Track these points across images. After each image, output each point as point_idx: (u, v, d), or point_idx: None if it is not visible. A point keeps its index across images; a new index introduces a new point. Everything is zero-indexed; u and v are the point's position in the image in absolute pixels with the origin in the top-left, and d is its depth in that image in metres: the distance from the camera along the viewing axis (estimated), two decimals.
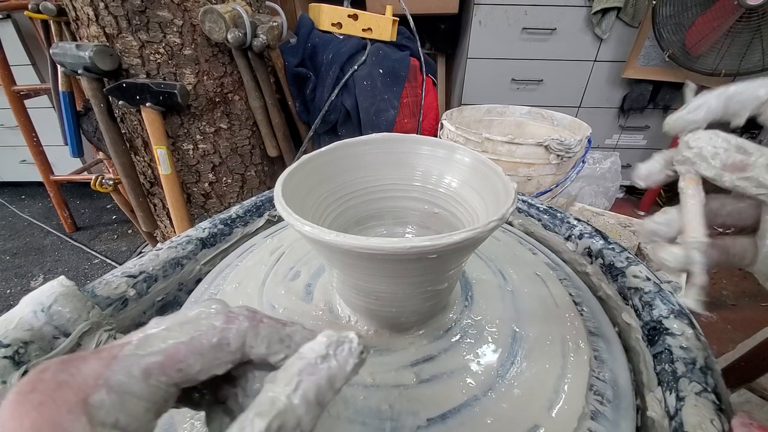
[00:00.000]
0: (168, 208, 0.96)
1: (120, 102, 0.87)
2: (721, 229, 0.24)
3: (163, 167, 0.90)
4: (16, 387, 0.14)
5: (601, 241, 0.41)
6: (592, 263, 0.41)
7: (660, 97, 1.63)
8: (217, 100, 0.95)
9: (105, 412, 0.13)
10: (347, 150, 0.34)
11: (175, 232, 1.02)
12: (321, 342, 0.16)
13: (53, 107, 1.66)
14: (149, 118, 0.86)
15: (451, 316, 0.32)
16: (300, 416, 0.14)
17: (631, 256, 0.38)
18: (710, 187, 0.23)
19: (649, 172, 0.25)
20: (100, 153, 1.24)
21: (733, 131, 0.20)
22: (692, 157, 0.22)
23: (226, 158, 1.01)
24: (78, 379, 0.14)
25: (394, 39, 1.19)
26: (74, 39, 0.95)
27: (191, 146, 0.96)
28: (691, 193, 0.22)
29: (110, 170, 1.27)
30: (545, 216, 0.48)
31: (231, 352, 0.16)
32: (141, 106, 0.85)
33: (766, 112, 0.21)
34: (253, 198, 0.51)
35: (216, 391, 0.18)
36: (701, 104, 0.23)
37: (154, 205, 1.10)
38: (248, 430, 0.13)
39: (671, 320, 0.31)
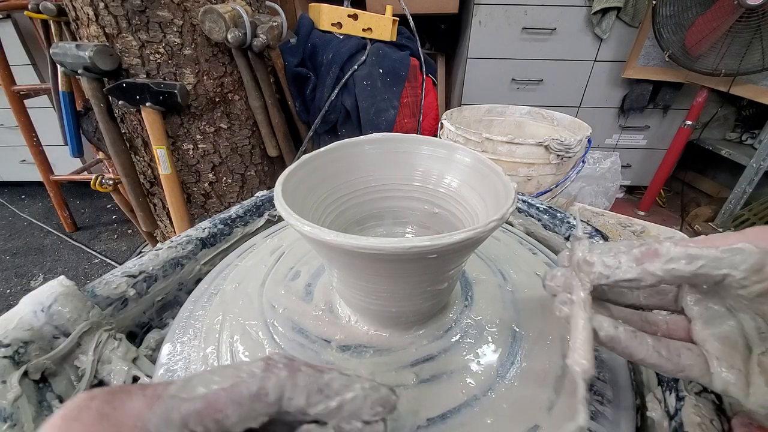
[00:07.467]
0: (168, 208, 0.96)
1: (120, 102, 0.87)
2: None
3: (163, 167, 0.90)
4: (63, 409, 0.14)
5: (602, 241, 0.41)
6: None
7: (660, 97, 1.63)
8: (217, 99, 0.95)
9: None
10: (347, 150, 0.34)
11: (175, 232, 1.02)
12: (366, 408, 0.16)
13: (53, 107, 1.65)
14: (149, 118, 0.86)
15: (451, 316, 0.32)
16: None
17: None
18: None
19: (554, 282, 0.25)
20: (100, 153, 1.24)
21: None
22: (601, 270, 0.21)
23: (226, 158, 1.01)
24: (119, 415, 0.14)
25: (394, 39, 1.18)
26: (74, 39, 0.95)
27: (191, 146, 0.96)
28: (581, 313, 0.21)
29: (110, 170, 1.27)
30: (545, 216, 0.48)
31: (269, 404, 0.15)
32: (141, 106, 0.85)
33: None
34: (253, 198, 0.51)
35: None
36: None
37: (154, 205, 1.10)
38: None
39: None
